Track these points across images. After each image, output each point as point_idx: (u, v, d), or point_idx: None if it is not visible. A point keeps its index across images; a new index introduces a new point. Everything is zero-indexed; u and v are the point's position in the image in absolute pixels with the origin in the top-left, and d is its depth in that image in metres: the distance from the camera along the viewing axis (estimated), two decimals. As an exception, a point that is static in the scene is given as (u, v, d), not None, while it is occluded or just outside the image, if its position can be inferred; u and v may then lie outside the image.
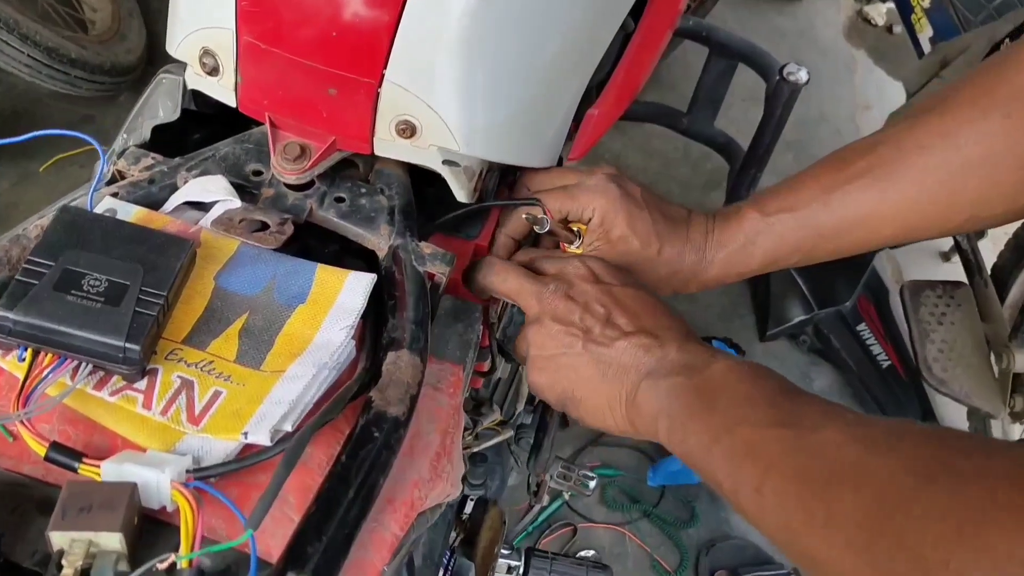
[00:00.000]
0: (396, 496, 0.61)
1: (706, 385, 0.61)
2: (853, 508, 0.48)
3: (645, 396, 0.64)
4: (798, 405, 0.57)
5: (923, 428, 0.51)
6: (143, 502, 0.54)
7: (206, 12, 0.70)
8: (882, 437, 0.51)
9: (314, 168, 0.71)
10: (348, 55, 0.67)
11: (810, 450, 0.53)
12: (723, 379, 0.61)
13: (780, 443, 0.54)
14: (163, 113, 0.77)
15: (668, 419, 0.62)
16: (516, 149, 0.77)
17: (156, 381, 0.60)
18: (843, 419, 0.54)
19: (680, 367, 0.63)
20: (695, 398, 0.61)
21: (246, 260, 0.68)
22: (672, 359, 0.64)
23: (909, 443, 0.49)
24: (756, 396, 0.59)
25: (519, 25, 0.69)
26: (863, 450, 0.50)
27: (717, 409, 0.59)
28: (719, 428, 0.58)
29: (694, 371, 0.62)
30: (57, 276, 0.59)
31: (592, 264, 0.73)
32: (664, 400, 0.62)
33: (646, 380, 0.64)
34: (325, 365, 0.62)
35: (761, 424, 0.56)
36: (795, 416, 0.56)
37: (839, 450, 0.51)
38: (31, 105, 2.18)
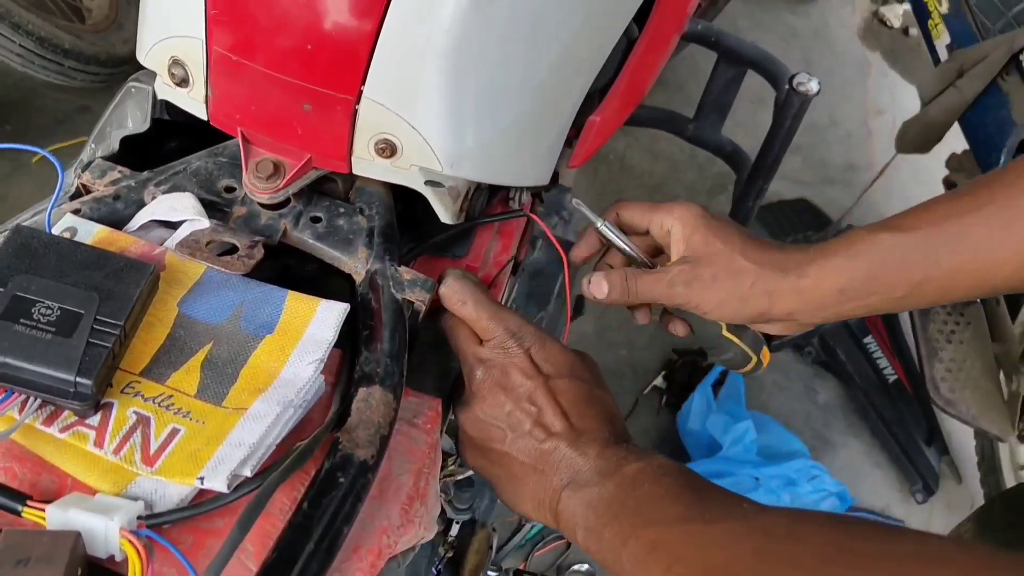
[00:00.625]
0: (363, 544, 0.57)
1: (617, 491, 0.61)
2: None
3: (564, 506, 0.64)
4: (702, 499, 0.58)
5: (824, 515, 0.53)
6: (89, 550, 0.51)
7: (175, 19, 0.66)
8: (783, 524, 0.53)
9: (288, 187, 0.67)
10: (323, 69, 0.63)
11: (713, 543, 0.54)
12: (633, 482, 0.61)
13: (683, 538, 0.56)
14: (132, 123, 0.73)
15: (584, 529, 0.62)
16: (505, 169, 0.73)
17: (110, 417, 0.56)
18: (743, 510, 0.56)
19: (596, 475, 0.63)
20: (606, 507, 0.61)
21: (212, 286, 0.64)
22: (590, 467, 0.63)
23: (809, 529, 0.51)
24: (662, 494, 0.60)
25: (508, 40, 0.65)
26: (763, 539, 0.52)
27: (626, 514, 0.60)
28: (627, 533, 0.59)
29: (607, 477, 0.62)
30: (5, 304, 0.56)
31: (532, 350, 0.68)
32: (580, 511, 0.63)
33: (565, 491, 0.64)
34: (291, 403, 0.58)
35: (665, 522, 0.57)
36: (698, 511, 0.57)
37: (740, 542, 0.53)
38: (26, 94, 2.14)
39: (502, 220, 0.79)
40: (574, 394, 0.66)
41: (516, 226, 0.84)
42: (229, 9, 0.63)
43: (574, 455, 0.64)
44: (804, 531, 0.51)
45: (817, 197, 2.12)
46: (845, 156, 2.31)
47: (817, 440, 1.81)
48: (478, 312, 0.68)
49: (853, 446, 1.83)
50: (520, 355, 0.67)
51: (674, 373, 1.82)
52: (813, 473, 1.60)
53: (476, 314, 0.68)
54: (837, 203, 1.99)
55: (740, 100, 1.30)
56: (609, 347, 1.91)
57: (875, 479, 1.81)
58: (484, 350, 0.68)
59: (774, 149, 1.18)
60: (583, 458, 0.64)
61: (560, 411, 0.66)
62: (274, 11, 0.62)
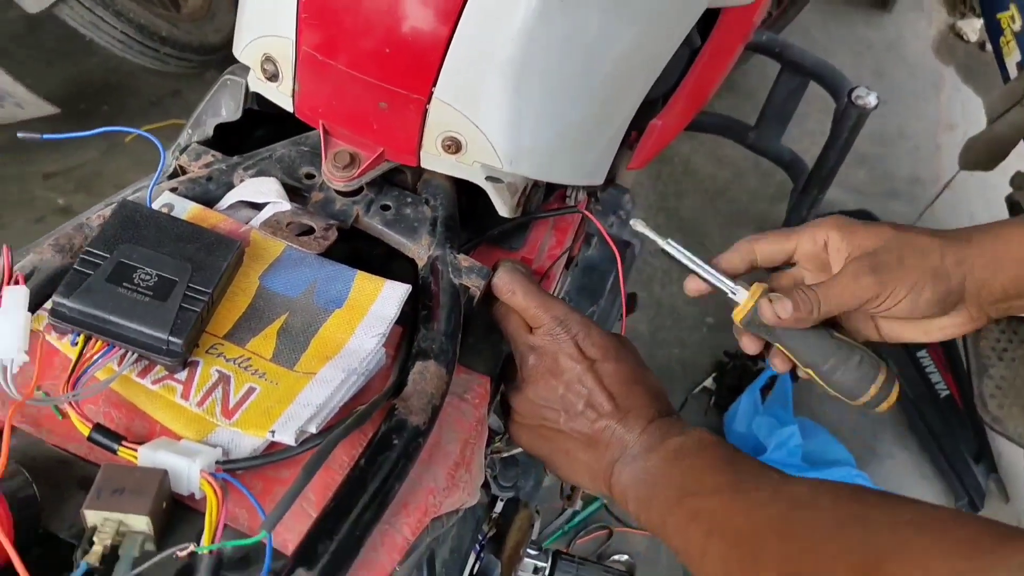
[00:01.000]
0: (411, 501, 0.63)
1: (662, 464, 0.67)
2: (778, 554, 0.55)
3: (616, 480, 0.70)
4: (737, 471, 0.64)
5: (844, 486, 0.58)
6: (173, 487, 0.58)
7: (269, 20, 0.73)
8: (806, 493, 0.59)
9: (362, 176, 0.74)
10: (400, 71, 0.69)
11: (742, 510, 0.60)
12: (676, 455, 0.67)
13: (719, 507, 0.62)
14: (226, 112, 0.81)
15: (635, 500, 0.69)
16: (560, 168, 0.78)
17: (196, 373, 0.63)
18: (772, 480, 0.62)
19: (642, 450, 0.69)
20: (653, 480, 0.68)
21: (290, 263, 0.71)
22: (637, 443, 0.70)
23: (828, 498, 0.57)
24: (702, 467, 0.66)
25: (568, 50, 0.70)
26: (787, 506, 0.58)
27: (670, 486, 0.66)
28: (672, 502, 0.65)
29: (652, 451, 0.68)
30: (111, 268, 0.63)
31: (577, 337, 0.73)
32: (630, 484, 0.69)
33: (617, 465, 0.70)
34: (354, 371, 0.64)
35: (704, 492, 0.64)
36: (732, 481, 0.63)
37: (766, 508, 0.59)
38: (123, 78, 2.27)
39: (557, 216, 0.84)
40: (619, 375, 0.72)
41: (571, 222, 0.90)
42: (318, 13, 0.70)
43: (623, 432, 0.70)
44: (824, 500, 0.57)
45: (880, 210, 2.12)
46: (912, 170, 2.30)
47: (864, 450, 1.82)
48: (527, 301, 0.73)
49: (900, 458, 1.83)
50: (567, 341, 0.72)
51: (724, 375, 1.86)
52: (857, 481, 1.61)
53: (525, 303, 0.73)
54: (900, 216, 1.99)
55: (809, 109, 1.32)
56: (662, 345, 1.95)
57: (920, 492, 1.81)
58: (534, 338, 0.73)
59: (830, 160, 1.21)
60: (631, 434, 0.70)
61: (607, 392, 0.71)
62: (359, 16, 0.69)
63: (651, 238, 0.77)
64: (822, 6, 2.56)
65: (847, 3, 2.66)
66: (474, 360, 0.75)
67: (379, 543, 0.61)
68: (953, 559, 0.46)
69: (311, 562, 0.54)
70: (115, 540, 0.54)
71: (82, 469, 0.61)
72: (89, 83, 2.27)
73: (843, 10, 2.63)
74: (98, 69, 2.27)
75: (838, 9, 2.63)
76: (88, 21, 1.90)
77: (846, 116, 1.19)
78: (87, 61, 2.27)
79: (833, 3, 2.63)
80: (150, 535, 0.55)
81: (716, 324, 2.01)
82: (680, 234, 2.13)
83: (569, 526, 1.64)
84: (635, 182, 2.16)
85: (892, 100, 2.43)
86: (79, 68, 2.28)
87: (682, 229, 2.14)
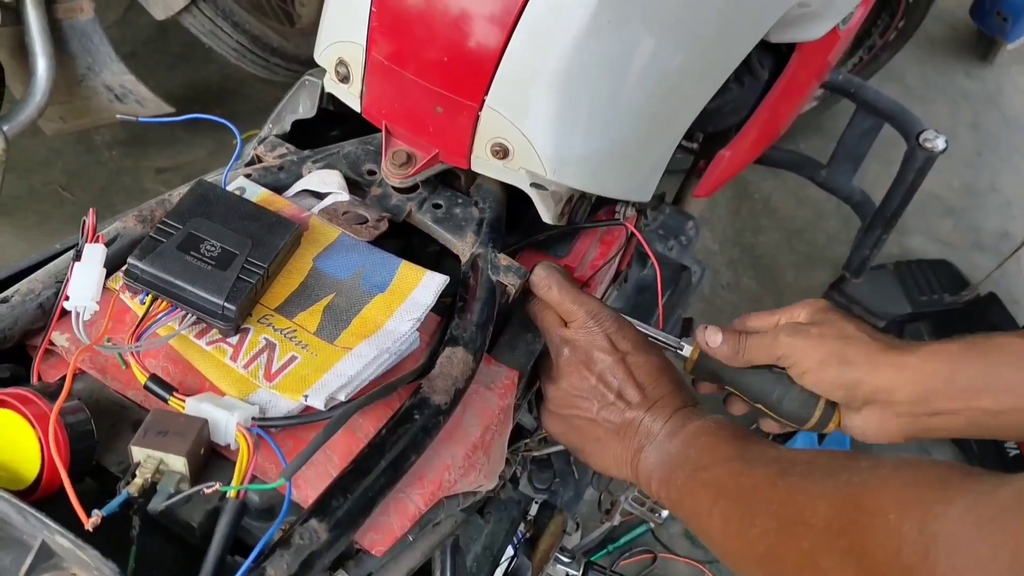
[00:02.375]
0: (427, 475, 0.68)
1: (682, 446, 0.73)
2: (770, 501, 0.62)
3: (642, 464, 0.76)
4: (745, 445, 0.69)
5: (839, 452, 0.65)
6: (211, 437, 0.64)
7: (345, 28, 0.80)
8: (802, 455, 0.65)
9: (417, 175, 0.80)
10: (456, 79, 0.75)
11: (744, 473, 0.66)
12: (694, 436, 0.73)
13: (726, 474, 0.68)
14: (303, 110, 0.88)
15: (658, 480, 0.74)
16: (604, 181, 0.82)
17: (246, 339, 0.70)
18: (777, 450, 0.67)
19: (666, 435, 0.75)
20: (673, 459, 0.73)
21: (342, 248, 0.77)
22: (663, 429, 0.75)
23: (823, 458, 0.62)
24: (715, 443, 0.71)
25: (615, 69, 0.75)
26: (784, 465, 0.64)
27: (688, 462, 0.72)
28: (688, 476, 0.71)
29: (675, 435, 0.74)
30: (182, 238, 0.70)
31: (609, 330, 0.77)
32: (655, 466, 0.74)
33: (643, 451, 0.75)
34: (387, 350, 0.70)
35: (715, 463, 0.69)
36: (739, 452, 0.69)
37: (765, 467, 0.65)
38: (236, 84, 2.41)
39: (601, 227, 0.88)
40: (648, 367, 0.77)
41: (617, 236, 0.93)
42: (388, 23, 0.77)
43: (650, 422, 0.75)
44: (819, 459, 0.62)
45: (962, 262, 2.07)
46: (1000, 224, 2.24)
47: None
48: (562, 296, 0.78)
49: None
50: (600, 335, 0.77)
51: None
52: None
53: (560, 298, 0.78)
54: (984, 270, 1.93)
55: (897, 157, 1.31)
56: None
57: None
58: (568, 331, 0.78)
59: (894, 201, 1.21)
60: (657, 423, 0.75)
61: (637, 384, 0.76)
62: (423, 28, 0.75)
63: None
64: (922, 55, 2.53)
65: (946, 53, 2.61)
66: (506, 354, 0.79)
67: (392, 509, 0.65)
68: (923, 490, 0.51)
69: (324, 514, 0.60)
70: (155, 477, 0.60)
71: (136, 414, 0.68)
72: (205, 87, 2.42)
73: (942, 59, 2.59)
74: (214, 75, 2.43)
75: (937, 58, 2.59)
76: (208, 30, 2.04)
77: (913, 158, 1.19)
78: (205, 67, 2.43)
79: (933, 52, 2.59)
80: (186, 476, 0.61)
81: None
82: (753, 270, 2.13)
83: (614, 546, 1.65)
84: (714, 216, 2.18)
85: (986, 152, 2.38)
86: (197, 73, 2.44)
87: (756, 266, 2.13)
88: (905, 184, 1.20)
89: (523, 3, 0.70)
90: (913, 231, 2.20)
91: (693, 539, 1.71)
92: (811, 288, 2.11)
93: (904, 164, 1.21)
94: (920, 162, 1.18)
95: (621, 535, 1.65)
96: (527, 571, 1.16)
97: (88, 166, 2.23)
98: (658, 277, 0.93)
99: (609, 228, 0.93)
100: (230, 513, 0.58)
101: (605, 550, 1.63)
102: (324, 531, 0.59)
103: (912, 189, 1.19)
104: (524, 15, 0.71)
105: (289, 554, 0.57)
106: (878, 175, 1.74)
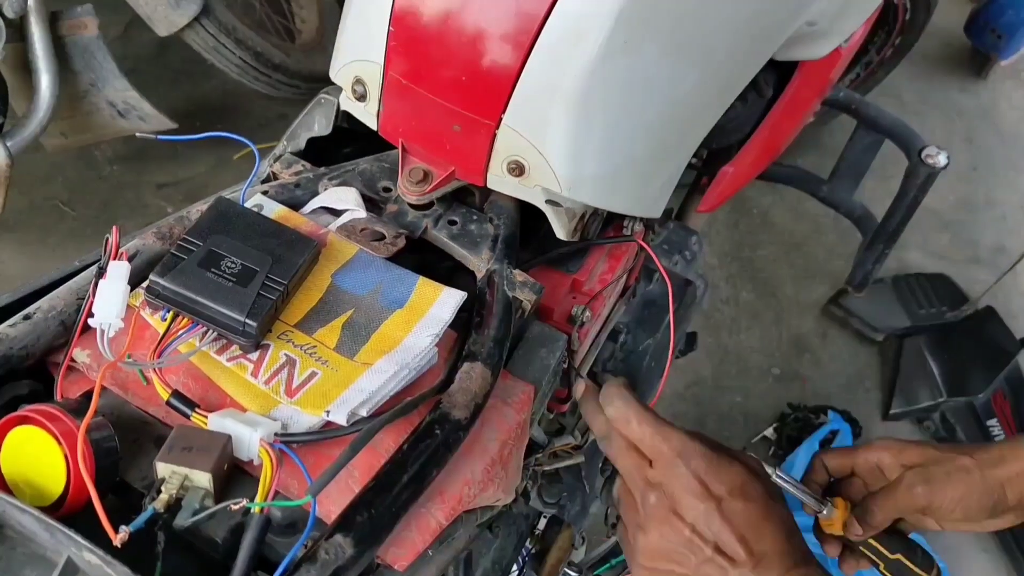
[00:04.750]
0: (447, 490, 0.68)
1: None
2: None
3: None
4: None
5: None
6: (235, 453, 0.64)
7: (362, 47, 0.81)
8: None
9: (433, 192, 0.80)
10: (473, 98, 0.76)
11: None
12: None
13: None
14: (318, 128, 0.89)
15: None
16: (618, 198, 0.83)
17: (266, 355, 0.70)
18: None
19: None
20: None
21: (360, 264, 0.77)
22: None
23: None
24: None
25: (629, 89, 0.76)
26: None
27: None
28: None
29: None
30: (203, 255, 0.71)
31: (700, 471, 0.68)
32: None
33: None
34: (407, 365, 0.70)
35: None
36: None
37: None
38: (238, 100, 2.42)
39: (611, 243, 0.89)
40: (749, 515, 0.67)
41: (625, 251, 0.94)
42: (406, 42, 0.78)
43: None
44: None
45: (960, 275, 2.09)
46: (996, 238, 2.26)
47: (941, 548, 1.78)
48: (642, 430, 0.71)
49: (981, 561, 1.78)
50: (689, 477, 0.68)
51: (785, 426, 1.85)
52: (914, 545, 1.58)
53: (641, 433, 0.71)
54: (981, 284, 1.96)
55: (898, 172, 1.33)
56: (725, 393, 1.96)
57: (980, 564, 1.76)
58: (654, 472, 0.70)
59: (896, 216, 1.23)
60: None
61: (738, 536, 0.66)
62: (441, 47, 0.76)
63: None
64: (916, 71, 2.56)
65: (941, 69, 2.64)
66: (521, 369, 0.80)
67: (413, 524, 0.66)
68: None
69: (349, 529, 0.60)
70: (180, 493, 0.61)
71: (159, 430, 0.68)
72: (207, 103, 2.43)
73: (938, 75, 2.62)
74: (215, 91, 2.44)
75: (932, 74, 2.62)
76: (211, 46, 2.06)
77: (915, 174, 1.20)
78: (206, 83, 2.44)
79: (928, 68, 2.62)
80: (210, 492, 0.62)
81: (782, 375, 2.00)
82: (752, 284, 2.14)
83: (616, 560, 1.65)
84: (713, 230, 2.20)
85: (981, 167, 2.40)
86: (199, 89, 2.45)
87: (755, 279, 2.15)
88: (907, 199, 1.21)
89: (541, 24, 0.72)
90: (910, 245, 2.22)
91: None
92: (810, 301, 2.13)
93: (906, 180, 1.22)
94: (922, 178, 1.19)
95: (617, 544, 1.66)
96: (535, 585, 1.16)
97: (89, 181, 2.24)
98: (669, 291, 0.94)
99: (617, 244, 0.94)
100: (255, 529, 0.59)
101: (608, 564, 1.63)
102: (350, 546, 0.59)
103: (914, 204, 1.21)
104: (542, 36, 0.72)
105: (316, 569, 0.58)
106: (875, 190, 1.77)
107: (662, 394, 1.88)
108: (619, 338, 1.14)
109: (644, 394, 1.17)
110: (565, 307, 0.89)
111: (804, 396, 1.94)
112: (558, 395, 0.92)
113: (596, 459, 1.16)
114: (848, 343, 2.07)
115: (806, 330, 2.09)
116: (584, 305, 0.88)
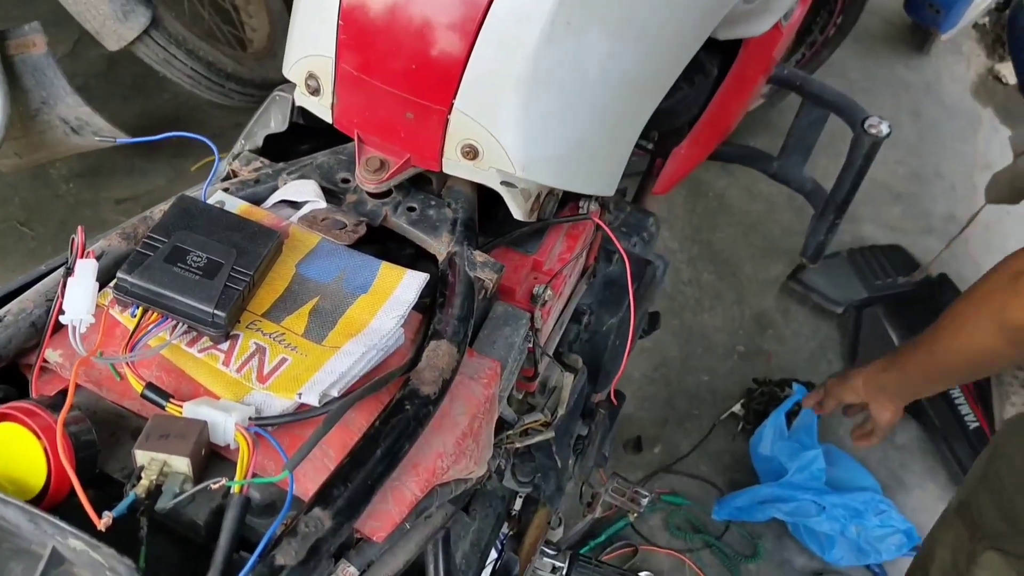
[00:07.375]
0: (420, 463, 0.70)
1: None
2: None
3: None
4: None
5: None
6: (211, 438, 0.66)
7: (312, 42, 0.83)
8: None
9: (390, 180, 0.83)
10: (424, 85, 0.78)
11: None
12: None
13: None
14: (274, 124, 0.91)
15: None
16: (571, 177, 0.86)
17: (236, 344, 0.72)
18: None
19: None
20: None
21: (324, 253, 0.79)
22: None
23: None
24: None
25: (574, 69, 0.78)
26: None
27: None
28: None
29: None
30: (168, 251, 0.72)
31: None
32: None
33: None
34: (374, 346, 0.72)
35: None
36: None
37: None
38: (191, 112, 2.42)
39: (568, 222, 0.92)
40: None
41: (582, 230, 0.97)
42: (355, 36, 0.80)
43: None
44: None
45: (913, 246, 2.15)
46: (947, 208, 2.33)
47: (892, 480, 1.84)
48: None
49: (928, 489, 1.84)
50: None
51: (752, 401, 1.89)
52: (881, 508, 1.63)
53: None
54: (935, 253, 2.01)
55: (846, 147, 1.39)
56: (692, 372, 2.00)
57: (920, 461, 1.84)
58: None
59: (844, 187, 1.27)
60: None
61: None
62: (389, 38, 0.78)
63: None
64: (860, 49, 2.62)
65: (885, 46, 2.71)
66: (487, 347, 0.83)
67: (389, 496, 0.68)
68: None
69: (327, 503, 0.62)
70: (159, 479, 0.62)
71: (135, 423, 0.70)
72: (161, 116, 2.42)
73: (882, 52, 2.69)
74: (169, 104, 2.43)
75: (877, 51, 2.68)
76: (162, 59, 2.05)
77: (859, 144, 1.24)
78: (159, 96, 2.44)
79: (872, 46, 2.68)
80: (190, 476, 0.63)
81: (746, 352, 2.05)
82: (713, 265, 2.19)
83: (595, 542, 1.68)
84: (672, 215, 2.23)
85: (929, 139, 2.47)
86: (152, 103, 2.44)
87: (715, 261, 2.19)
88: (854, 169, 1.25)
89: (485, 10, 0.74)
90: (864, 219, 2.28)
91: (673, 529, 1.75)
92: (769, 279, 2.18)
93: (851, 150, 1.26)
94: (867, 147, 1.23)
95: (602, 530, 1.69)
96: (515, 566, 1.18)
97: (46, 200, 2.22)
98: (628, 270, 0.97)
99: (574, 223, 0.97)
100: (236, 508, 0.61)
101: (587, 545, 1.66)
102: (328, 519, 0.61)
103: (860, 174, 1.25)
104: (487, 21, 0.74)
105: (296, 542, 0.59)
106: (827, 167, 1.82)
107: (633, 377, 1.92)
108: (583, 319, 1.17)
109: (610, 372, 1.20)
110: (527, 287, 0.91)
111: (769, 371, 1.98)
112: (525, 373, 0.94)
113: (566, 438, 1.19)
114: (809, 317, 2.12)
115: (767, 307, 2.14)
116: (545, 284, 0.91)
